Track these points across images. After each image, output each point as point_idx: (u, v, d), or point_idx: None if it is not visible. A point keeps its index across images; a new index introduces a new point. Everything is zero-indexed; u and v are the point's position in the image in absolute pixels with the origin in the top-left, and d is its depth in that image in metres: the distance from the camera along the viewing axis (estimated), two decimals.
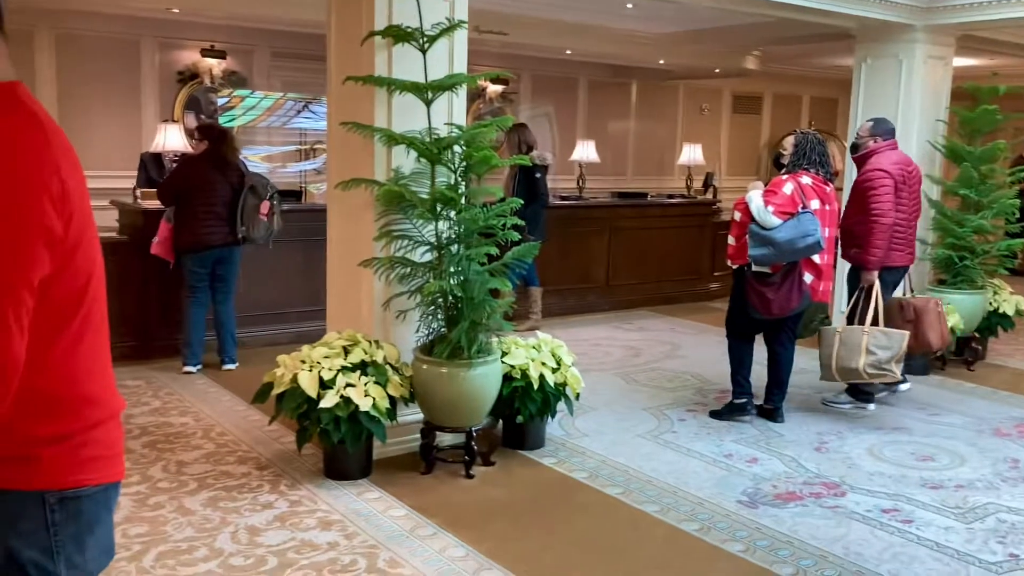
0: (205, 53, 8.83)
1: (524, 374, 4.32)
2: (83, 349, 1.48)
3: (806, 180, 4.84)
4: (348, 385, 3.87)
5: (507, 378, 4.28)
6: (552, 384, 4.37)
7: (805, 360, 5.34)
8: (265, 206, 5.79)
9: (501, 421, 4.48)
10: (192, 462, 4.18)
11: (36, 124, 1.42)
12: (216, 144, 5.75)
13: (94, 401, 1.51)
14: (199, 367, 5.75)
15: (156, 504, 3.68)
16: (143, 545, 3.30)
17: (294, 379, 3.92)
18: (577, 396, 4.52)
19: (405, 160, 4.23)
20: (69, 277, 1.43)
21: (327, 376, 3.88)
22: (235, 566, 3.18)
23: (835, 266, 5.25)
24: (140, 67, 8.65)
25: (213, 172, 5.67)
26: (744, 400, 5.12)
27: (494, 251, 4.18)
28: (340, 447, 3.95)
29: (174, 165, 7.05)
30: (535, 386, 4.31)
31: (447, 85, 4.18)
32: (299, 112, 9.60)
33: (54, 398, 1.44)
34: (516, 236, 4.22)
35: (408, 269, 4.21)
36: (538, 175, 6.94)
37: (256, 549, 3.32)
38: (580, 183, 9.87)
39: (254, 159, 9.00)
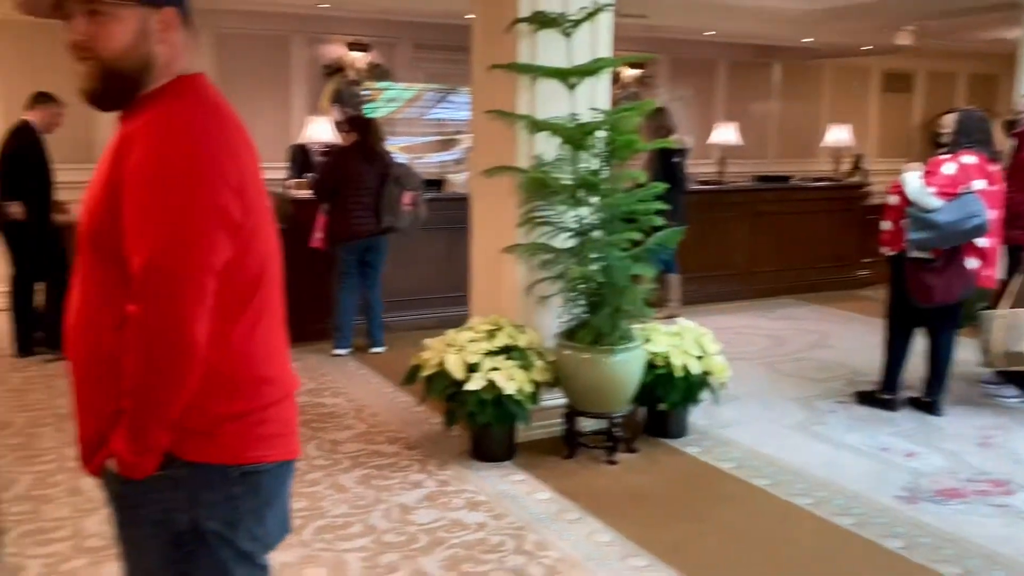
0: (351, 47, 9.12)
1: (667, 361, 4.26)
2: (260, 331, 1.55)
3: (969, 159, 4.56)
4: (493, 369, 3.93)
5: (650, 365, 4.24)
6: (696, 372, 4.30)
7: (966, 350, 5.04)
8: (408, 196, 5.93)
9: (644, 408, 4.45)
10: (345, 441, 4.35)
11: (217, 115, 1.50)
12: (364, 135, 5.93)
13: (270, 381, 1.58)
14: (349, 350, 5.97)
15: (313, 480, 3.84)
16: (303, 520, 3.45)
17: (441, 362, 4.01)
18: (722, 385, 4.43)
19: (547, 146, 4.24)
20: (248, 263, 1.50)
21: (473, 360, 3.95)
22: (388, 543, 3.29)
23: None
24: (290, 62, 9.01)
25: (361, 163, 5.84)
26: (890, 398, 4.90)
27: (637, 236, 4.14)
28: (486, 429, 4.02)
29: (322, 157, 7.33)
30: (678, 374, 4.26)
31: (591, 70, 4.17)
32: (438, 103, 9.78)
33: (233, 377, 1.51)
34: (659, 221, 4.17)
35: (550, 255, 4.23)
36: (676, 159, 6.83)
37: (408, 527, 3.42)
38: (720, 167, 9.64)
39: (393, 150, 9.24)
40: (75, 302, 1.53)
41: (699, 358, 4.33)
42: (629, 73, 10.64)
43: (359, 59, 9.20)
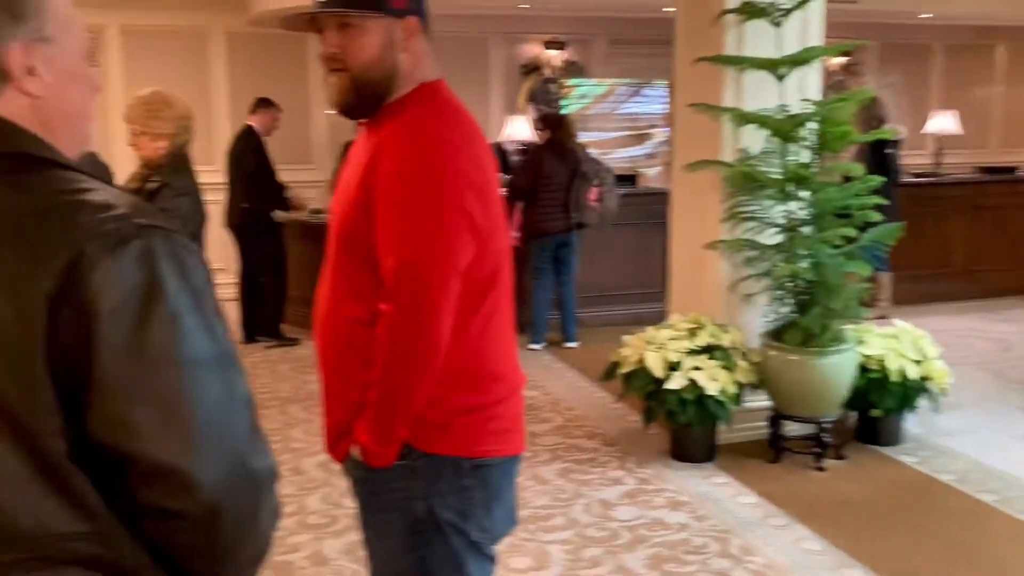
0: (547, 45, 9.22)
1: (882, 365, 4.04)
2: (493, 328, 1.59)
3: None
4: (695, 368, 3.86)
5: (863, 368, 4.03)
6: (913, 377, 4.04)
7: None
8: (593, 192, 5.90)
9: (854, 414, 4.24)
10: (543, 434, 4.41)
11: (460, 120, 1.55)
12: (555, 132, 5.99)
13: (500, 377, 1.63)
14: (543, 344, 6.05)
15: None
16: None
17: (641, 359, 3.98)
18: (942, 391, 4.14)
19: (754, 139, 4.12)
20: (485, 262, 1.54)
21: (673, 358, 3.90)
22: (590, 537, 3.31)
23: None
24: (488, 63, 9.22)
25: (554, 160, 5.89)
26: None
27: (851, 233, 3.95)
28: (686, 429, 3.96)
29: (517, 156, 7.46)
30: (894, 378, 4.02)
31: (802, 60, 4.01)
32: (631, 97, 9.71)
33: (468, 372, 1.56)
34: (876, 216, 3.96)
35: (756, 251, 4.10)
36: (888, 151, 6.43)
37: (609, 523, 3.43)
38: (936, 158, 9.00)
39: (587, 145, 9.24)
40: (325, 296, 1.63)
41: (917, 362, 4.06)
42: (834, 61, 10.12)
43: (555, 57, 9.29)
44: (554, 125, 6.08)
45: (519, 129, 7.81)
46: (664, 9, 6.97)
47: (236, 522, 1.00)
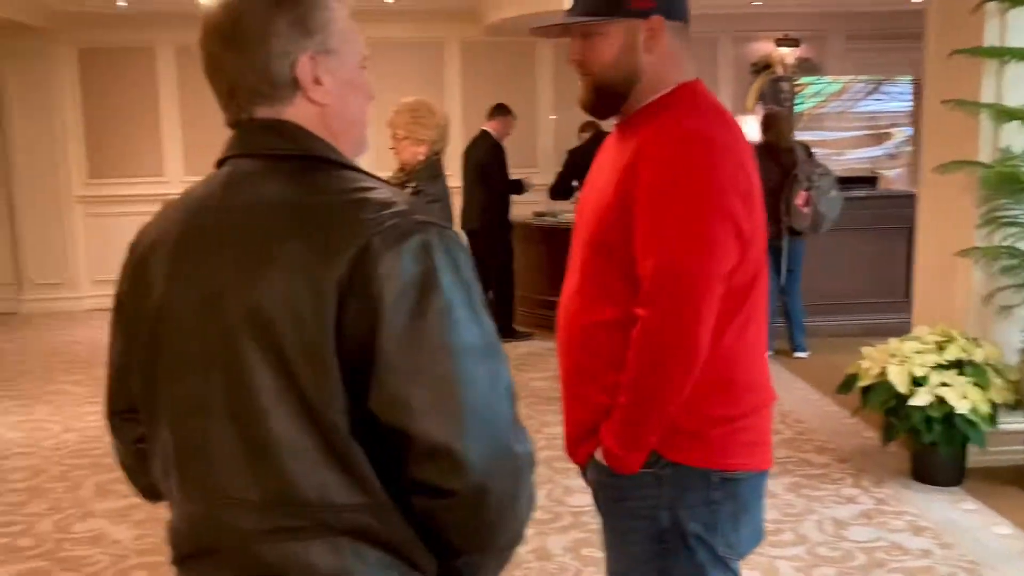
0: (779, 43, 8.91)
1: None
2: (748, 336, 1.54)
3: None
4: (943, 384, 3.59)
5: None
6: None
7: None
8: (801, 196, 5.57)
9: None
10: (773, 446, 4.25)
11: (724, 120, 1.51)
12: (768, 132, 5.76)
13: (754, 387, 1.57)
14: (770, 353, 5.83)
15: None
16: None
17: (882, 373, 3.75)
18: None
19: (1017, 138, 3.77)
20: (745, 268, 1.49)
21: (919, 373, 3.64)
22: (822, 555, 3.16)
23: None
24: (717, 63, 9.03)
25: (766, 162, 5.59)
26: None
27: None
28: (930, 449, 3.69)
29: None
30: None
31: None
32: (868, 94, 9.17)
33: (722, 381, 1.52)
34: None
35: (1017, 260, 3.76)
36: None
37: (842, 543, 3.26)
38: None
39: (815, 144, 8.80)
40: (571, 299, 1.62)
41: None
42: None
43: (787, 54, 8.95)
44: (766, 125, 5.85)
45: (749, 130, 7.59)
46: (913, 1, 6.55)
47: (499, 503, 1.04)
